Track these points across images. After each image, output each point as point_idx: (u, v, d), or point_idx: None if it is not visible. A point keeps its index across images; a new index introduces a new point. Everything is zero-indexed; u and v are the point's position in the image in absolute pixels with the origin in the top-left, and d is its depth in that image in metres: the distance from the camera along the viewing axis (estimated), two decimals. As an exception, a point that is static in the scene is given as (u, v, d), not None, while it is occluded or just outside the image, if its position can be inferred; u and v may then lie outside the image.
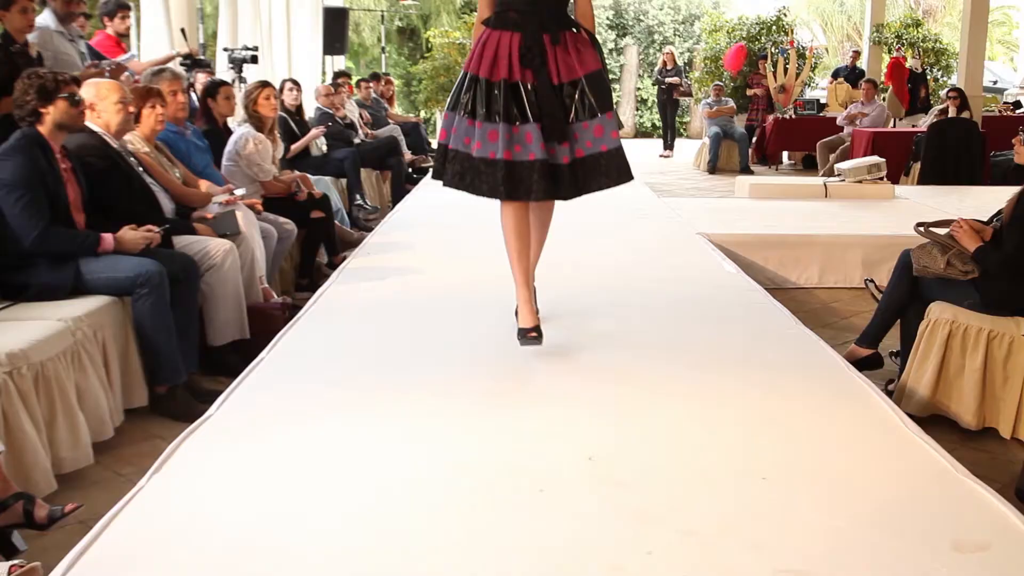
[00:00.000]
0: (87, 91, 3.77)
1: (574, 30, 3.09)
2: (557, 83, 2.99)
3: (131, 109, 3.77)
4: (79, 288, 3.27)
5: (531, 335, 3.08)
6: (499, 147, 2.93)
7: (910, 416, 2.93)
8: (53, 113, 3.31)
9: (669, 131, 14.19)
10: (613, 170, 3.07)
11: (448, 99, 3.16)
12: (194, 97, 5.78)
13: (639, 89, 19.62)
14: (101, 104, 3.70)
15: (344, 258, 5.32)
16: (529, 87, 2.97)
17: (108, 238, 3.37)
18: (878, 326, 3.77)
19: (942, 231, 3.59)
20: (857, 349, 3.78)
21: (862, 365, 3.66)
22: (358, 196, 7.37)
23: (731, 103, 12.49)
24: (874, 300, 3.98)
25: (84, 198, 3.52)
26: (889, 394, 3.49)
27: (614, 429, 2.58)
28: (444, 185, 3.10)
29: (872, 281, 4.20)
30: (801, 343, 3.45)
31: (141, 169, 3.95)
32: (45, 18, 4.88)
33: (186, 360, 3.52)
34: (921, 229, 3.66)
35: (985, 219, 3.69)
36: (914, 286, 3.63)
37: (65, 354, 2.90)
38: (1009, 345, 3.24)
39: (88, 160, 3.58)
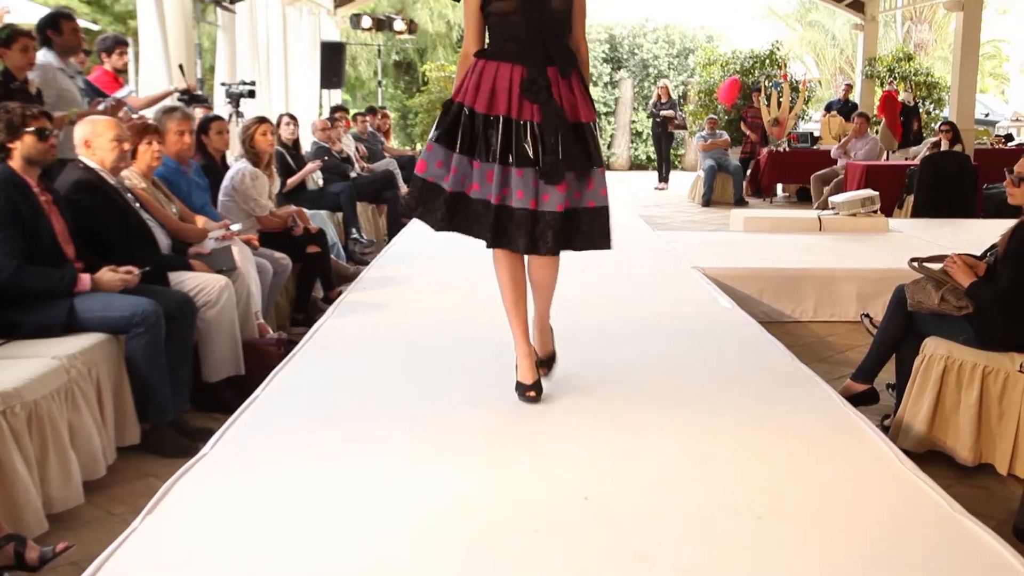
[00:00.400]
0: (83, 128, 3.81)
1: (576, 68, 2.93)
2: (573, 122, 2.83)
3: (126, 147, 3.78)
4: (73, 326, 3.26)
5: (529, 393, 3.02)
6: (493, 190, 2.79)
7: (906, 452, 2.93)
8: (20, 148, 3.31)
9: (664, 164, 14.28)
10: (596, 231, 2.90)
11: (433, 129, 2.93)
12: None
13: (634, 122, 19.76)
14: (96, 141, 3.72)
15: (340, 292, 5.32)
16: (532, 124, 2.79)
17: (85, 278, 3.36)
18: (873, 361, 3.77)
19: (936, 266, 3.61)
20: (853, 384, 3.78)
21: (858, 400, 3.66)
22: (354, 230, 7.38)
23: (725, 136, 12.58)
24: (870, 335, 3.98)
25: (71, 229, 3.51)
26: (885, 430, 3.49)
27: (610, 468, 2.57)
28: (437, 228, 2.91)
29: (868, 316, 4.20)
30: (796, 379, 3.45)
31: (138, 205, 3.96)
32: (45, 55, 4.91)
33: (176, 398, 3.51)
34: (915, 264, 3.68)
35: (979, 253, 3.72)
36: (909, 321, 3.64)
37: (59, 392, 2.89)
38: (1004, 381, 3.24)
39: (82, 197, 3.59)
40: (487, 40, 2.97)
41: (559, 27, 2.90)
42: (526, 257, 2.97)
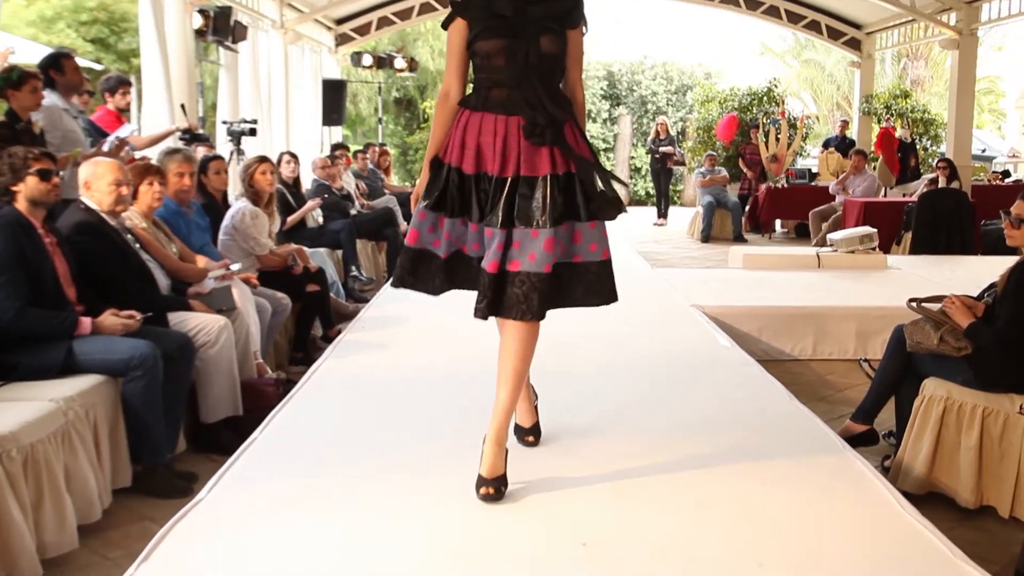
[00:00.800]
0: (85, 169, 3.84)
1: (570, 114, 2.67)
2: (550, 172, 2.57)
3: (124, 191, 3.79)
4: (70, 367, 3.25)
5: (487, 490, 2.63)
6: (482, 249, 2.60)
7: (907, 494, 2.92)
8: (24, 190, 3.34)
9: (663, 199, 14.34)
10: (602, 286, 2.66)
11: (424, 196, 2.69)
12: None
13: (633, 158, 19.86)
14: (96, 183, 3.75)
15: (339, 331, 5.32)
16: (520, 179, 2.56)
17: (86, 322, 3.36)
18: (873, 402, 3.76)
19: (935, 307, 3.62)
20: (852, 425, 3.77)
21: (857, 441, 3.65)
22: (353, 267, 7.40)
23: (724, 172, 12.65)
24: (868, 379, 3.98)
25: (74, 271, 3.53)
26: (885, 471, 3.48)
27: (609, 513, 2.55)
28: (437, 293, 2.73)
29: (866, 361, 4.21)
30: (795, 420, 3.44)
31: (138, 245, 3.98)
32: (49, 95, 4.96)
33: (169, 439, 3.50)
34: (914, 305, 3.68)
35: (977, 293, 3.72)
36: (908, 362, 3.64)
37: (56, 435, 2.88)
38: (1004, 422, 3.23)
39: (83, 239, 3.60)
40: (471, 81, 2.74)
41: (550, 71, 2.67)
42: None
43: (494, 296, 2.53)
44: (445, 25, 2.71)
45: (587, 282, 2.65)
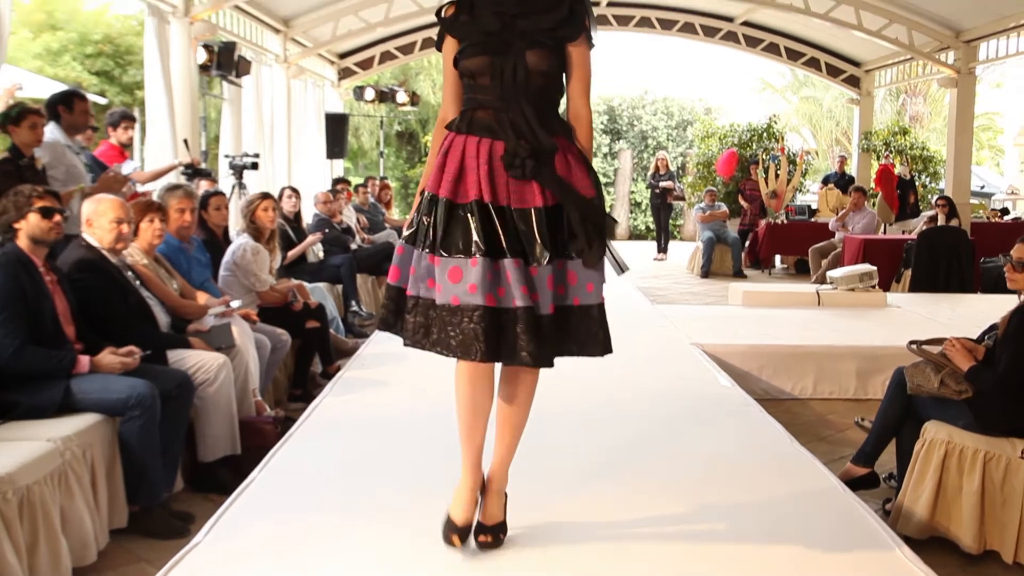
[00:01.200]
0: (88, 206, 3.85)
1: (566, 139, 2.45)
2: (542, 205, 2.36)
3: (125, 229, 3.81)
4: (68, 406, 3.24)
5: (453, 538, 2.51)
6: (478, 290, 2.27)
7: (908, 539, 2.90)
8: (25, 227, 3.37)
9: (663, 234, 14.39)
10: (599, 334, 2.43)
11: (405, 230, 2.49)
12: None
13: (633, 192, 19.96)
14: (97, 220, 3.76)
15: (339, 367, 5.32)
16: (510, 209, 2.35)
17: (84, 360, 3.36)
18: (873, 444, 3.75)
19: (935, 349, 3.61)
20: (853, 468, 3.75)
21: (858, 484, 3.63)
22: (353, 302, 7.40)
23: (724, 208, 12.70)
24: (865, 434, 3.97)
25: (73, 309, 3.53)
26: (886, 515, 3.46)
27: (609, 565, 2.53)
28: (405, 344, 2.42)
29: (863, 419, 4.21)
30: (796, 463, 3.43)
31: (138, 283, 3.98)
32: (53, 131, 4.99)
33: (166, 478, 3.49)
34: (914, 347, 3.68)
35: (979, 333, 3.72)
36: (909, 404, 3.63)
37: (52, 476, 2.87)
38: (1006, 467, 3.21)
39: (83, 276, 3.61)
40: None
41: (541, 91, 2.42)
42: (496, 376, 2.48)
43: (491, 337, 2.28)
44: (439, 45, 2.55)
45: (588, 327, 2.42)
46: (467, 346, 2.27)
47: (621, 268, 2.50)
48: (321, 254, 7.51)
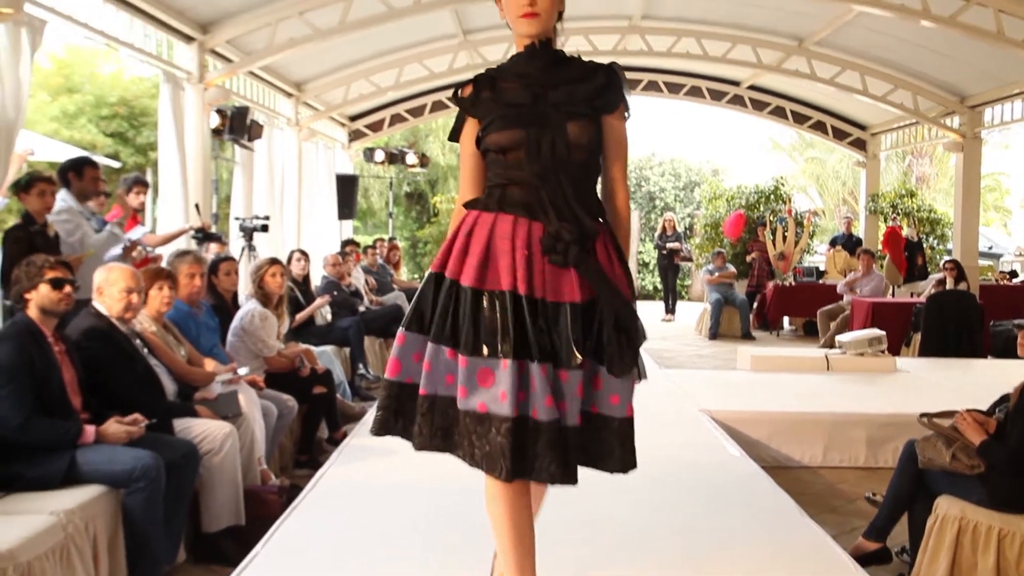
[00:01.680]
0: (99, 275, 3.88)
1: (605, 223, 2.25)
2: (579, 300, 2.12)
3: (135, 299, 3.84)
4: (73, 478, 3.23)
5: None
6: (508, 398, 2.05)
7: (923, 621, 2.84)
8: (36, 298, 3.40)
9: (670, 295, 14.40)
10: (616, 450, 2.21)
11: (407, 314, 2.23)
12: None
13: (640, 252, 20.03)
14: (108, 289, 3.80)
15: (345, 433, 5.29)
16: (546, 302, 2.11)
17: (90, 431, 3.36)
18: (885, 519, 3.69)
19: (946, 422, 3.58)
20: (864, 543, 3.69)
21: (870, 560, 3.58)
22: (361, 365, 7.40)
23: (731, 268, 12.71)
24: (875, 509, 3.92)
25: (81, 379, 3.54)
26: (900, 593, 3.40)
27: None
28: (417, 448, 2.19)
29: (873, 494, 4.17)
30: (806, 537, 3.37)
31: (146, 350, 3.99)
32: (65, 197, 5.05)
33: (169, 550, 3.45)
34: (925, 420, 3.64)
35: (989, 399, 3.69)
36: (920, 478, 3.59)
37: (54, 551, 2.85)
38: (1021, 545, 3.16)
39: (91, 345, 3.63)
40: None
41: (581, 168, 2.22)
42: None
43: (517, 453, 2.05)
44: (455, 136, 2.34)
45: (604, 440, 2.20)
46: (493, 461, 2.06)
47: (640, 375, 2.25)
48: (329, 317, 7.53)
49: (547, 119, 2.17)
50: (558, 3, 2.26)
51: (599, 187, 2.33)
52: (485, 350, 2.09)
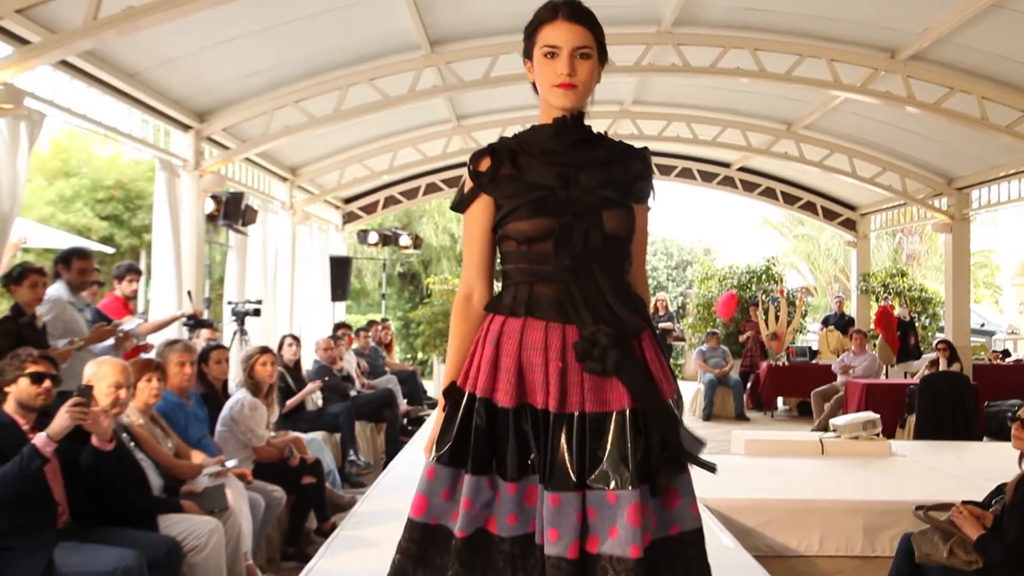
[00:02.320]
0: (90, 368, 3.87)
1: (646, 319, 2.03)
2: (627, 407, 1.90)
3: (123, 394, 3.84)
4: (52, 580, 3.16)
5: None
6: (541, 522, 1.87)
7: None
8: (15, 391, 3.42)
9: (664, 375, 14.33)
10: (700, 567, 2.01)
11: (437, 443, 1.96)
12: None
13: (634, 331, 20.04)
14: (97, 384, 3.78)
15: (334, 524, 5.20)
16: (587, 416, 1.88)
17: (41, 436, 3.28)
18: (884, 615, 3.63)
19: (943, 515, 3.54)
20: (864, 641, 3.62)
21: (870, 659, 3.50)
22: (351, 451, 7.32)
23: (727, 357, 12.54)
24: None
25: (64, 468, 3.48)
26: None
27: None
28: None
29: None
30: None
31: (133, 444, 3.95)
32: (57, 288, 5.06)
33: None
34: (921, 513, 3.61)
35: (986, 484, 3.65)
36: (917, 573, 3.53)
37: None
38: (1021, 644, 3.10)
39: (74, 443, 3.58)
40: (499, 277, 2.06)
41: (616, 261, 1.99)
42: None
43: None
44: (460, 207, 2.06)
45: (687, 562, 1.98)
46: None
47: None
48: (320, 402, 7.48)
49: (580, 206, 1.94)
50: (596, 76, 2.04)
51: None
52: (514, 471, 1.90)
